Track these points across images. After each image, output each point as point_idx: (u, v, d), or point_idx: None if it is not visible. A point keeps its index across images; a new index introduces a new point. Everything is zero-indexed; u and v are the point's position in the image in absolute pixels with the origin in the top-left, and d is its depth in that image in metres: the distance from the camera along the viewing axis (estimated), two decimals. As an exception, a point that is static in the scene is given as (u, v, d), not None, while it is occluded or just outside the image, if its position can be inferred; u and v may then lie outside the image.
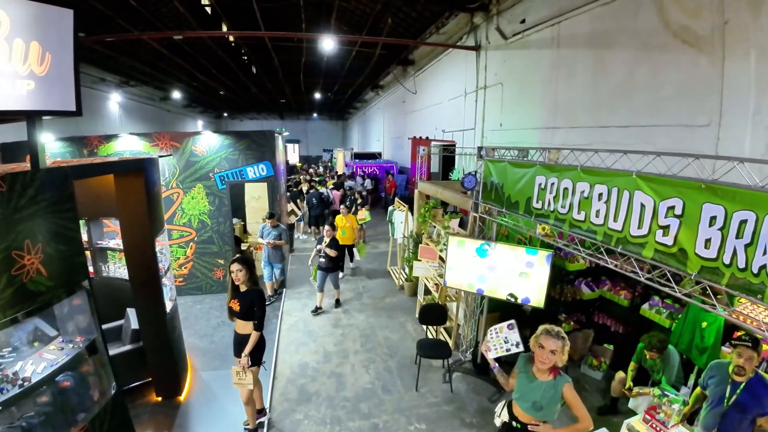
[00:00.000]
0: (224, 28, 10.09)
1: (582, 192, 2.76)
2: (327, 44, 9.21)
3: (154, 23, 9.75)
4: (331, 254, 5.87)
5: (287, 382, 4.36)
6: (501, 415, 2.65)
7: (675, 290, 2.19)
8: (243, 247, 7.78)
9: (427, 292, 5.82)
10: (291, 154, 28.18)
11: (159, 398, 4.05)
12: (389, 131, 18.80)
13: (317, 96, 20.39)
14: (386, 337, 5.41)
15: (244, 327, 3.37)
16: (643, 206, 2.30)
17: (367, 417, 3.85)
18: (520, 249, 3.89)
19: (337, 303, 6.45)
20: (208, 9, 9.91)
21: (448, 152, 8.87)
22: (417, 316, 5.66)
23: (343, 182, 13.31)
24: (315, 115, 32.51)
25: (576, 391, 2.34)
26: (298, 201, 11.00)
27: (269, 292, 6.52)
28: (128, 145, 6.28)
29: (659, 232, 2.21)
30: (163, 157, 6.00)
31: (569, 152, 3.06)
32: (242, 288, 3.34)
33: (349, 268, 8.14)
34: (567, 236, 3.17)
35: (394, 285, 7.37)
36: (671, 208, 2.14)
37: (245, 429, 3.61)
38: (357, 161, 17.87)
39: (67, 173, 2.62)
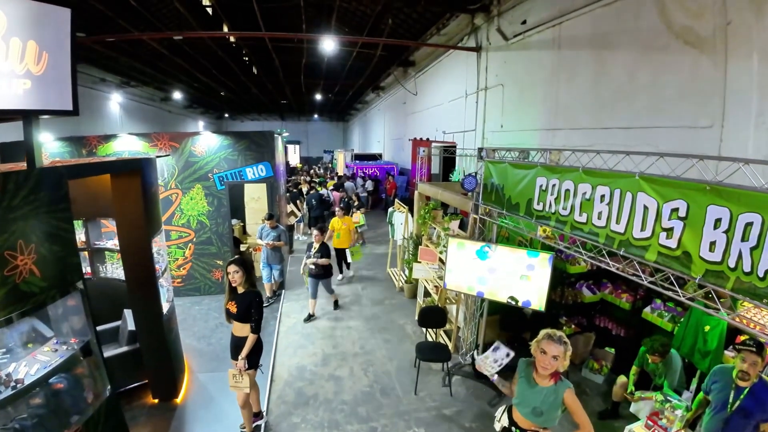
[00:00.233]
0: (225, 29, 10.08)
1: (584, 193, 2.72)
2: (327, 45, 9.21)
3: (155, 24, 9.74)
4: (323, 263, 5.67)
5: (285, 385, 4.32)
6: (501, 420, 2.61)
7: (678, 294, 2.15)
8: (242, 248, 7.75)
9: (427, 294, 5.77)
10: (292, 156, 28.15)
11: (155, 400, 4.02)
12: (390, 132, 18.79)
13: (318, 97, 20.40)
14: (385, 340, 5.36)
15: (241, 329, 3.33)
16: (647, 208, 2.26)
17: (366, 421, 3.81)
18: (521, 251, 3.85)
19: (336, 305, 6.34)
20: (209, 10, 9.92)
21: (449, 153, 8.83)
22: (416, 319, 5.61)
23: (344, 183, 13.29)
24: (316, 117, 32.54)
25: (577, 396, 2.30)
26: (298, 202, 10.97)
27: (268, 294, 6.47)
28: (127, 146, 6.26)
29: (663, 235, 2.17)
30: (161, 158, 5.98)
31: (571, 153, 3.02)
32: (240, 290, 3.31)
33: (346, 277, 7.75)
34: (568, 238, 3.14)
35: (394, 287, 7.32)
36: (675, 210, 2.10)
37: (242, 432, 3.57)
38: (357, 162, 17.85)
39: (62, 173, 2.59)
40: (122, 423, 3.28)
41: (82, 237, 4.94)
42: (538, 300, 3.74)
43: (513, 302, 3.88)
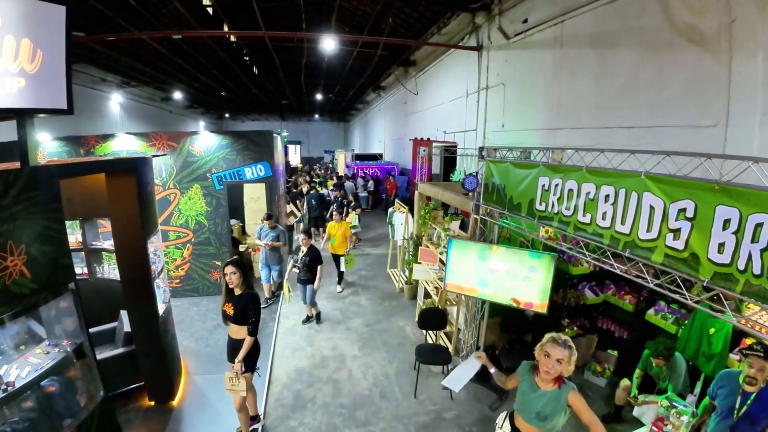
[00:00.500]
0: (225, 29, 10.05)
1: (587, 193, 2.65)
2: (328, 44, 9.16)
3: (155, 23, 9.71)
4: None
5: (283, 388, 4.26)
6: (503, 428, 2.54)
7: (686, 297, 2.09)
8: (241, 249, 7.70)
9: (427, 296, 5.71)
10: (292, 156, 28.09)
11: (152, 402, 3.98)
12: (390, 132, 18.74)
13: (318, 97, 20.37)
14: (385, 342, 5.30)
15: (238, 331, 3.28)
16: (653, 208, 2.20)
17: (364, 425, 3.75)
18: (523, 252, 3.79)
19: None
20: (210, 9, 9.89)
21: (450, 153, 8.77)
22: (416, 320, 5.55)
23: (344, 183, 13.23)
24: (316, 117, 32.51)
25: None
26: (298, 202, 10.92)
27: (267, 295, 6.42)
28: (125, 145, 6.21)
29: (669, 236, 2.10)
30: (157, 157, 5.93)
31: (574, 152, 2.95)
32: (237, 291, 3.25)
33: (333, 294, 7.03)
34: (571, 239, 3.07)
35: (394, 288, 7.26)
36: (682, 211, 2.04)
37: (238, 436, 3.51)
38: (358, 162, 17.80)
39: (53, 172, 2.54)
40: (116, 426, 3.24)
41: (79, 237, 4.90)
42: (540, 302, 3.68)
43: (514, 304, 3.82)
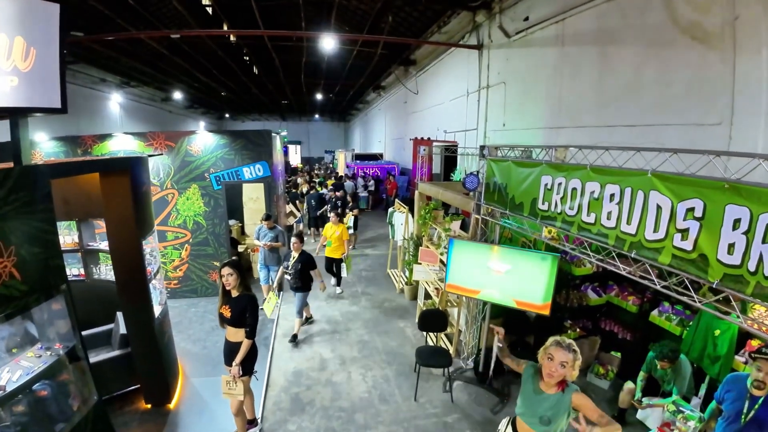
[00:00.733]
0: (224, 28, 10.00)
1: (592, 192, 2.58)
2: (327, 43, 9.10)
3: (154, 23, 9.67)
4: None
5: (281, 391, 4.20)
6: (505, 432, 2.48)
7: (694, 300, 2.02)
8: (240, 249, 7.65)
9: (428, 297, 5.65)
10: (293, 156, 28.04)
11: (148, 405, 3.93)
12: (391, 132, 18.69)
13: (319, 97, 20.31)
14: (384, 343, 5.24)
15: (236, 334, 3.22)
16: (660, 208, 2.12)
17: (363, 428, 3.68)
18: (525, 253, 3.72)
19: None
20: (209, 9, 9.85)
21: (450, 152, 8.71)
22: (417, 322, 5.49)
23: (343, 183, 13.15)
24: (317, 117, 32.46)
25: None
26: (298, 202, 10.86)
27: (266, 296, 6.35)
28: (122, 145, 6.16)
29: (677, 236, 2.03)
30: (153, 156, 5.86)
31: (577, 150, 2.88)
32: (234, 293, 3.20)
33: (336, 293, 6.92)
34: (573, 239, 3.01)
35: (394, 288, 7.20)
36: (690, 210, 1.97)
37: (235, 440, 3.45)
38: (358, 162, 17.74)
39: (44, 172, 2.48)
40: (111, 430, 3.18)
41: (76, 238, 4.85)
42: (542, 303, 3.62)
43: (516, 306, 3.76)
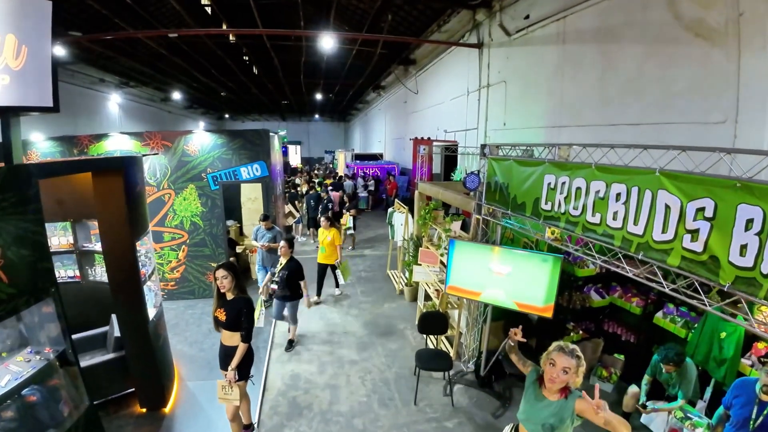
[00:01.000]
0: (224, 27, 9.94)
1: (597, 192, 2.50)
2: (326, 42, 9.02)
3: (153, 24, 9.62)
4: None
5: (278, 395, 4.12)
6: (507, 440, 2.41)
7: (704, 303, 1.94)
8: (238, 250, 7.57)
9: (428, 298, 5.57)
10: (293, 156, 28.00)
11: (143, 409, 3.86)
12: (391, 132, 18.62)
13: (318, 97, 20.26)
14: (384, 346, 5.16)
15: (231, 338, 3.14)
16: (668, 208, 2.04)
17: (362, 433, 3.61)
18: (527, 254, 3.64)
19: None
20: (208, 9, 9.80)
21: (450, 152, 8.64)
22: (416, 323, 5.41)
23: (342, 183, 13.08)
24: (317, 117, 32.41)
25: None
26: (297, 202, 10.80)
27: (264, 297, 6.27)
28: (119, 145, 6.09)
29: (687, 237, 1.96)
30: (148, 156, 5.80)
31: (581, 149, 2.80)
32: (229, 296, 3.12)
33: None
34: (576, 239, 2.93)
35: (394, 289, 7.12)
36: (701, 210, 1.89)
37: (231, 446, 3.37)
38: (358, 162, 17.67)
39: (32, 172, 2.40)
40: (103, 436, 3.10)
41: (71, 239, 4.79)
42: (545, 305, 3.54)
43: (518, 308, 3.68)
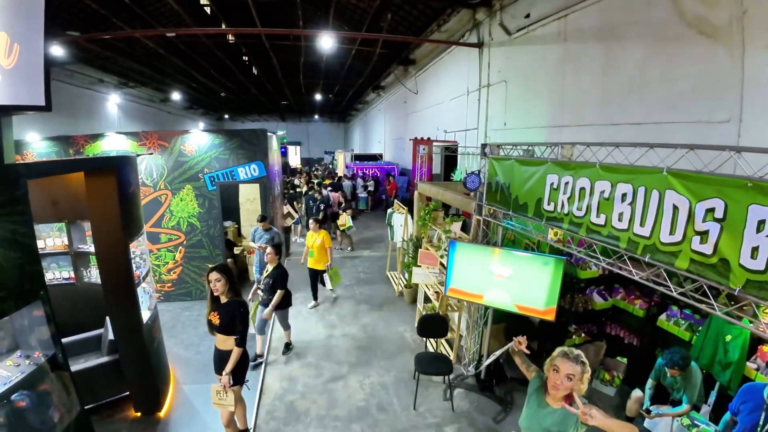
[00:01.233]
0: (223, 27, 9.88)
1: (602, 192, 2.43)
2: (325, 42, 8.96)
3: (152, 24, 9.56)
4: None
5: (275, 399, 4.05)
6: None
7: (714, 308, 1.87)
8: (236, 251, 7.50)
9: (428, 300, 5.50)
10: (292, 157, 27.95)
11: (137, 413, 3.79)
12: (390, 132, 18.56)
13: (318, 97, 20.19)
14: (383, 349, 5.08)
15: (225, 342, 3.07)
16: (676, 208, 1.97)
17: (361, 438, 3.54)
18: (528, 255, 3.57)
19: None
20: (207, 9, 9.75)
21: (450, 152, 8.57)
22: (416, 326, 5.34)
23: (341, 183, 13.01)
24: (316, 117, 32.35)
25: None
26: (296, 203, 10.73)
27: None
28: (115, 145, 6.03)
29: (696, 239, 1.89)
30: (143, 156, 5.72)
31: (585, 148, 2.73)
32: (223, 299, 3.05)
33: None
34: (578, 240, 2.86)
35: (393, 291, 7.05)
36: (710, 211, 1.82)
37: (226, 452, 3.30)
38: (357, 163, 17.59)
39: (20, 172, 2.34)
40: (94, 442, 3.03)
41: (65, 240, 4.72)
42: (547, 308, 3.47)
43: (518, 311, 3.61)
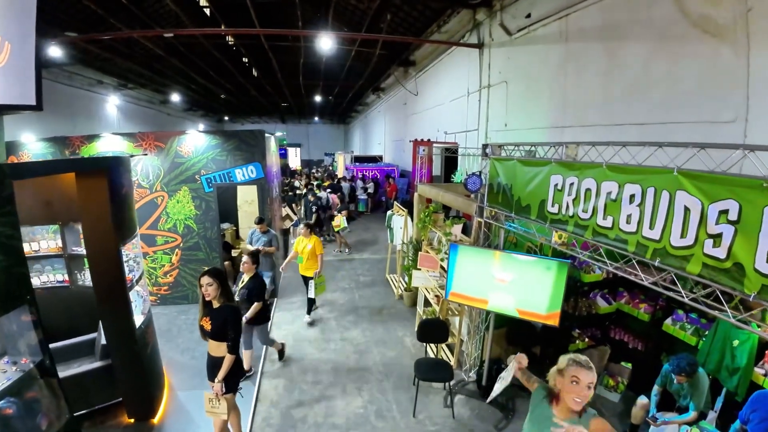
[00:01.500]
0: (222, 28, 9.85)
1: (609, 193, 2.34)
2: (325, 43, 8.90)
3: (149, 24, 9.50)
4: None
5: (270, 406, 3.95)
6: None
7: (728, 315, 1.78)
8: (234, 254, 7.42)
9: (428, 304, 5.40)
10: (292, 158, 27.92)
11: (131, 420, 3.70)
12: (390, 134, 18.51)
13: (318, 99, 20.16)
14: (382, 354, 4.98)
15: (217, 348, 2.98)
16: (688, 210, 1.89)
17: (359, 447, 3.45)
18: (531, 259, 3.48)
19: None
20: (206, 10, 9.72)
21: (451, 153, 8.49)
22: (416, 331, 5.24)
23: (341, 185, 12.94)
24: (316, 119, 32.35)
25: None
26: (294, 205, 10.66)
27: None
28: (111, 146, 5.95)
29: (708, 242, 1.80)
30: (137, 157, 5.65)
31: (590, 148, 2.64)
32: (215, 304, 2.97)
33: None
34: (581, 243, 2.77)
35: (393, 294, 6.96)
36: (724, 213, 1.73)
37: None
38: (357, 164, 17.53)
39: (5, 172, 2.25)
40: (84, 452, 2.94)
41: (59, 242, 4.65)
42: (550, 313, 3.37)
43: (520, 316, 3.52)
